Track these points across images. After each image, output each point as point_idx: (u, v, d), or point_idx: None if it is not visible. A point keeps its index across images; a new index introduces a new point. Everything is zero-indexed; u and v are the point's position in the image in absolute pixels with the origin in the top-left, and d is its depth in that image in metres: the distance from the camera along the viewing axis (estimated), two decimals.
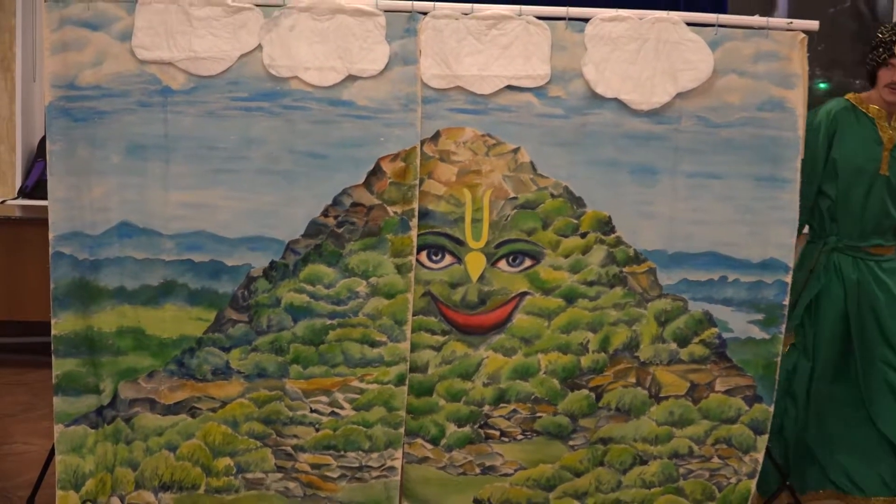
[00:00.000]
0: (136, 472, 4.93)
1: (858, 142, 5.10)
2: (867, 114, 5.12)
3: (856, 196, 5.11)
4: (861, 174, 5.08)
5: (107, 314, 4.87)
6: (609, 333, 4.94)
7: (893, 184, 5.09)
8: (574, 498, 5.00)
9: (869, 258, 5.14)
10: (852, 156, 5.11)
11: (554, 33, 4.84)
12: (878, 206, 5.11)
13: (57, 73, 4.81)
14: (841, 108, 5.19)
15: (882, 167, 5.05)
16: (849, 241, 5.18)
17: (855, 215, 5.14)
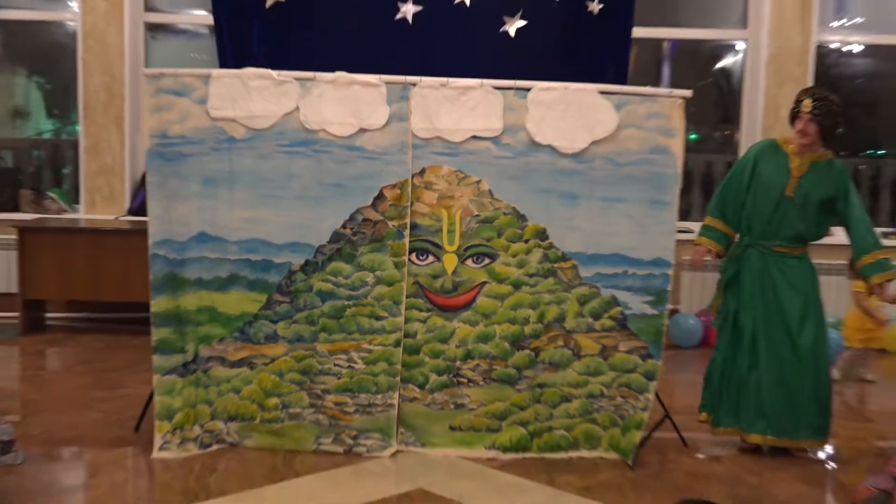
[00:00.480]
0: (211, 408, 5.04)
1: (773, 170, 5.07)
2: (785, 150, 5.10)
3: (767, 209, 5.05)
4: (772, 193, 5.04)
5: (189, 297, 5.01)
6: (544, 310, 5.03)
7: (797, 203, 5.02)
8: (519, 425, 5.04)
9: (773, 254, 5.08)
10: (767, 180, 5.07)
11: (505, 99, 4.95)
12: (783, 218, 5.04)
13: (154, 127, 4.95)
14: (766, 145, 5.20)
15: (788, 190, 5.03)
16: (759, 240, 5.11)
17: (764, 223, 5.08)
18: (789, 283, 5.09)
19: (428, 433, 5.11)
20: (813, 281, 5.15)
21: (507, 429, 5.10)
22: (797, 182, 5.05)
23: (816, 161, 5.08)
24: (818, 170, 5.07)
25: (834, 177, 5.06)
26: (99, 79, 7.91)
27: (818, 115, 4.96)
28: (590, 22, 5.52)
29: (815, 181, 5.05)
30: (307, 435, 5.07)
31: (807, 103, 4.98)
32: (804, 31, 7.81)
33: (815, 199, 5.04)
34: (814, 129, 4.98)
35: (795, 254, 5.12)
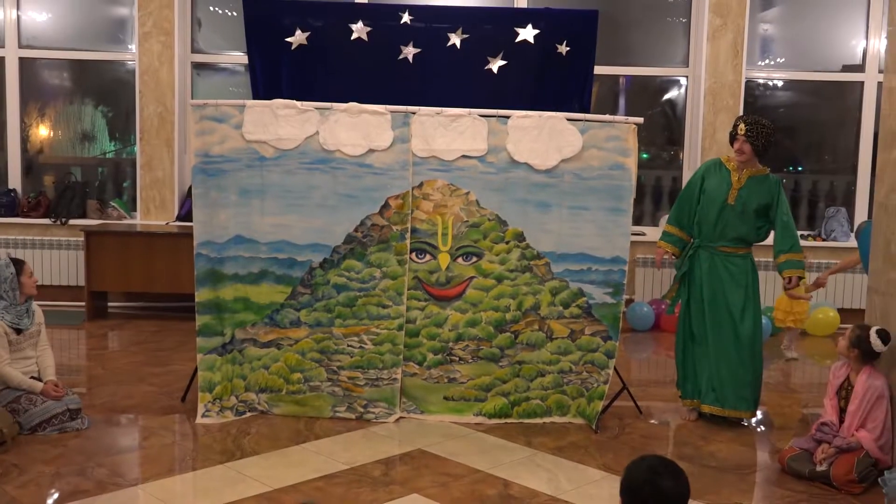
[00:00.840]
0: (245, 382, 5.02)
1: (717, 183, 5.03)
2: (727, 167, 5.06)
3: (712, 216, 5.00)
4: (716, 202, 5.00)
5: (227, 289, 4.98)
6: (522, 300, 5.00)
7: (737, 210, 4.97)
8: (502, 395, 5.02)
9: (719, 254, 5.03)
10: (712, 191, 5.02)
11: (489, 124, 4.93)
12: (726, 223, 4.99)
13: (198, 148, 4.93)
14: (712, 163, 5.15)
15: (729, 199, 4.98)
16: (707, 242, 5.05)
17: (711, 227, 5.02)
18: (732, 279, 5.03)
19: (426, 402, 5.09)
20: (753, 277, 5.09)
21: (491, 399, 5.07)
22: (737, 192, 5.00)
23: (754, 175, 5.05)
24: (755, 182, 5.03)
25: (768, 188, 5.04)
26: (153, 108, 7.92)
27: (751, 136, 4.95)
28: (559, 61, 5.54)
29: (751, 192, 5.01)
30: (325, 404, 5.04)
31: (742, 127, 4.98)
32: (736, 69, 7.82)
33: (752, 207, 5.00)
34: (748, 148, 4.96)
35: (739, 253, 5.06)
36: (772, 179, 5.08)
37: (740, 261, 5.08)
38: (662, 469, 2.40)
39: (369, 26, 5.43)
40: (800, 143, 8.76)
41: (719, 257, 5.06)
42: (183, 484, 4.14)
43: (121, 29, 8.27)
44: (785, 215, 5.04)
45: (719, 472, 4.44)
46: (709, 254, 5.08)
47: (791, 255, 5.02)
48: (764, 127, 4.99)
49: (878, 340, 4.24)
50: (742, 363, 5.03)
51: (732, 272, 5.05)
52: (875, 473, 4.13)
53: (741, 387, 5.05)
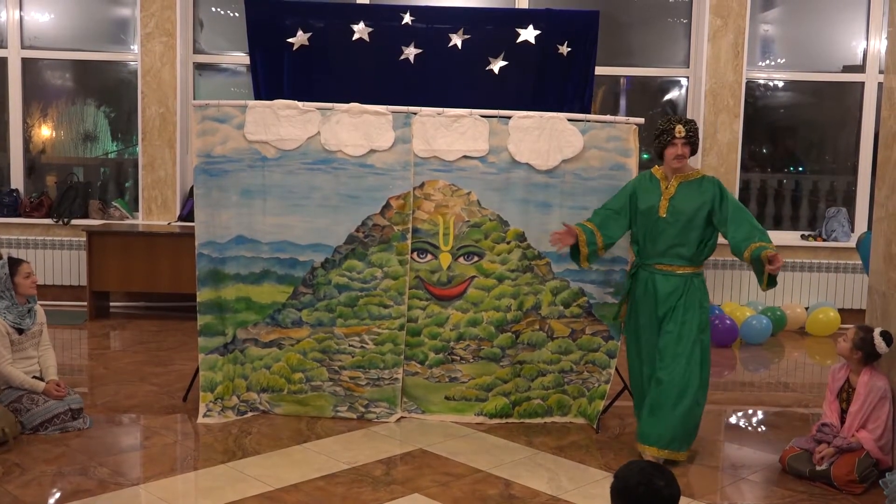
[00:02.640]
0: (247, 381, 5.01)
1: (648, 196, 4.52)
2: (657, 177, 4.56)
3: (646, 231, 4.52)
4: (649, 217, 4.50)
5: (229, 289, 4.97)
6: (523, 300, 4.98)
7: (670, 222, 4.45)
8: (503, 395, 5.00)
9: (657, 272, 4.48)
10: (644, 205, 4.52)
11: (490, 125, 4.92)
12: (659, 238, 4.47)
13: (200, 148, 4.92)
14: (641, 176, 4.67)
15: (661, 211, 4.47)
16: (645, 261, 4.55)
17: (646, 244, 4.54)
18: (666, 301, 4.47)
19: (427, 402, 5.08)
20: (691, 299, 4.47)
21: (492, 398, 5.05)
22: (668, 203, 4.48)
23: (685, 180, 4.52)
24: (687, 188, 4.50)
25: (703, 190, 4.50)
26: (155, 109, 7.92)
27: (691, 137, 4.48)
28: (560, 62, 5.55)
29: (683, 198, 4.47)
30: (326, 404, 5.03)
31: (680, 129, 4.45)
32: (736, 70, 7.81)
33: (687, 216, 4.45)
34: (688, 150, 4.48)
35: (678, 272, 4.48)
36: (707, 180, 4.55)
37: (678, 280, 4.48)
38: (654, 471, 2.47)
39: (370, 27, 5.44)
40: (800, 143, 8.76)
41: (657, 277, 4.51)
42: (184, 483, 4.13)
43: (123, 29, 8.27)
44: (736, 211, 4.48)
45: (720, 472, 4.43)
46: (648, 273, 4.56)
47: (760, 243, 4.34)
48: (695, 124, 4.58)
49: (882, 342, 4.22)
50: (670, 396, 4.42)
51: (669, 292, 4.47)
52: (876, 474, 4.12)
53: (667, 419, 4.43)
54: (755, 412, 5.54)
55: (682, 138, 4.46)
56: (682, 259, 4.49)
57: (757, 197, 8.39)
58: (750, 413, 5.54)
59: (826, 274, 7.89)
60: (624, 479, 2.49)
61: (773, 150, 8.70)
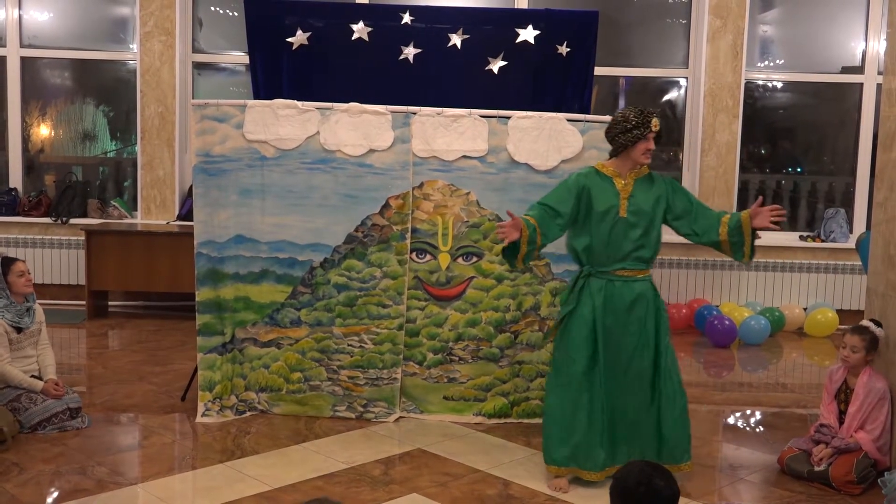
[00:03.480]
0: (245, 381, 5.01)
1: (605, 196, 4.12)
2: (606, 174, 4.16)
3: (604, 234, 4.10)
4: (608, 218, 4.09)
5: (228, 288, 4.96)
6: (522, 300, 4.98)
7: (632, 222, 4.11)
8: (501, 395, 5.00)
9: (616, 279, 4.10)
10: (601, 206, 4.11)
11: (489, 125, 4.92)
12: (620, 240, 4.10)
13: (199, 147, 4.92)
14: (588, 172, 4.20)
15: (621, 211, 4.11)
16: (600, 267, 4.12)
17: (603, 248, 4.11)
18: (630, 310, 4.13)
19: (426, 402, 5.07)
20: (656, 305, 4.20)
21: (491, 398, 5.05)
22: (627, 202, 4.16)
23: (638, 177, 4.21)
24: (642, 184, 4.19)
25: (657, 185, 4.22)
26: (154, 108, 7.92)
27: (660, 135, 4.19)
28: (559, 62, 5.53)
29: (641, 196, 4.16)
30: (325, 403, 5.03)
31: (656, 122, 4.12)
32: (735, 70, 7.82)
33: (647, 214, 4.14)
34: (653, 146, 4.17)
35: (639, 277, 4.17)
36: (656, 176, 4.27)
37: (640, 285, 4.17)
38: (654, 471, 2.47)
39: (370, 26, 5.43)
40: (799, 144, 8.76)
41: (616, 285, 4.13)
42: (183, 483, 4.13)
43: (122, 28, 8.27)
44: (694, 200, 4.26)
45: (718, 473, 4.44)
46: (604, 281, 4.14)
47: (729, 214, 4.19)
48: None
49: (880, 329, 4.31)
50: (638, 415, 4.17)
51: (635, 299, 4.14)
52: (874, 474, 4.13)
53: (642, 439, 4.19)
54: (753, 413, 5.54)
55: (655, 132, 4.14)
56: (643, 262, 4.18)
57: (755, 198, 8.36)
58: (748, 413, 5.54)
59: (824, 275, 7.89)
60: (623, 479, 2.50)
61: (771, 151, 8.70)
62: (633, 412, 4.16)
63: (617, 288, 4.13)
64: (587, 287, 4.15)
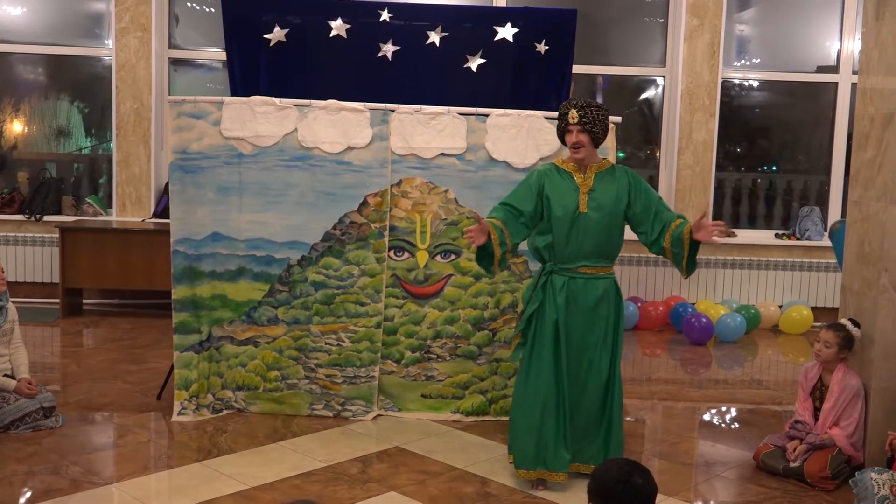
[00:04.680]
0: (222, 379, 4.98)
1: (562, 191, 4.05)
2: (566, 170, 4.10)
3: (564, 230, 4.02)
4: (567, 214, 4.02)
5: (204, 286, 4.93)
6: (500, 297, 4.98)
7: (593, 218, 4.01)
8: (479, 393, 5.01)
9: (579, 276, 4.03)
10: (558, 201, 4.04)
11: (468, 122, 4.92)
12: (582, 237, 4.01)
13: (176, 144, 4.88)
14: (547, 169, 4.16)
15: (581, 207, 4.02)
16: (562, 264, 4.05)
17: (563, 245, 4.04)
18: (593, 308, 4.06)
19: (403, 400, 5.07)
20: (618, 302, 4.14)
21: (469, 396, 5.05)
22: (587, 196, 4.05)
23: (600, 171, 4.12)
24: (603, 178, 4.10)
25: (618, 179, 4.11)
26: (130, 104, 7.86)
27: (587, 124, 4.01)
28: (537, 60, 5.54)
29: (603, 191, 4.07)
30: (302, 402, 5.01)
31: (573, 114, 4.01)
32: (712, 69, 7.86)
33: (609, 209, 4.05)
34: (586, 138, 4.03)
35: (601, 274, 4.08)
36: (619, 169, 4.18)
37: (603, 283, 4.08)
38: (632, 469, 2.47)
39: (348, 24, 5.41)
40: (775, 143, 8.84)
41: (578, 282, 4.05)
42: (158, 482, 4.10)
43: (97, 24, 8.20)
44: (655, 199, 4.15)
45: (694, 469, 4.47)
46: (566, 279, 4.06)
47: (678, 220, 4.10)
48: (598, 109, 4.07)
49: (856, 329, 4.34)
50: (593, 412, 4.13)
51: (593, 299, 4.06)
52: (848, 471, 4.17)
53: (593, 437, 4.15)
54: (729, 409, 5.58)
55: (576, 125, 4.01)
56: (606, 259, 4.11)
57: (732, 196, 8.45)
58: (724, 410, 5.58)
59: (799, 272, 7.97)
60: (602, 477, 2.49)
61: (747, 150, 8.77)
62: (587, 413, 4.12)
63: (580, 285, 4.06)
64: (550, 284, 4.09)
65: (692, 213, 7.87)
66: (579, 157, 4.08)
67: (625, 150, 8.41)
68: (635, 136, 8.57)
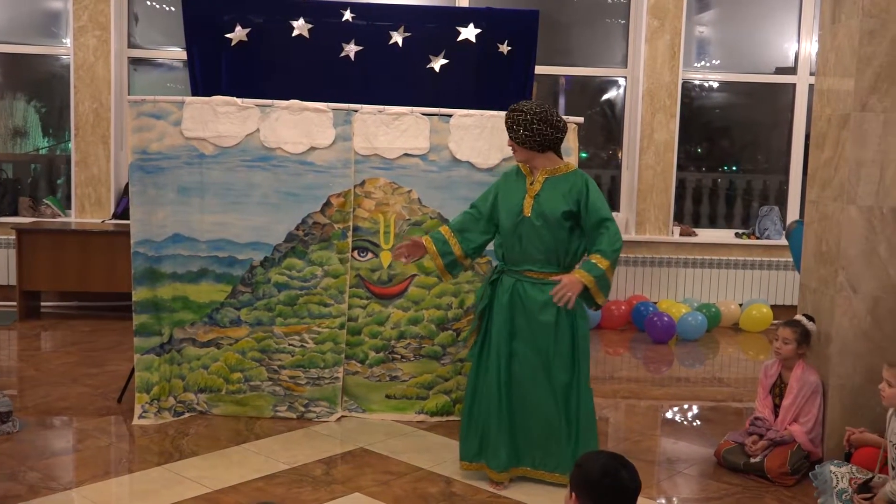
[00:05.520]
0: (184, 382, 4.94)
1: (512, 193, 4.05)
2: (523, 172, 4.08)
3: (510, 232, 4.02)
4: (512, 215, 4.01)
5: (165, 288, 4.88)
6: (464, 298, 4.98)
7: (535, 223, 3.95)
8: (444, 393, 5.01)
9: (525, 280, 3.99)
10: (506, 203, 4.05)
11: (431, 123, 4.91)
12: (526, 240, 3.98)
13: (136, 145, 4.82)
14: (509, 170, 4.19)
15: (525, 210, 3.98)
16: (510, 266, 4.06)
17: (510, 247, 4.04)
18: (538, 313, 3.98)
19: (368, 401, 5.06)
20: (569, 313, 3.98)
21: (433, 396, 5.05)
22: (532, 201, 3.99)
23: (552, 175, 4.02)
24: (554, 184, 4.00)
25: (569, 188, 3.97)
26: (88, 104, 7.75)
27: (510, 129, 3.98)
28: (501, 61, 5.57)
29: (549, 196, 3.97)
30: (266, 404, 4.99)
31: (505, 115, 4.01)
32: (673, 70, 7.94)
33: (555, 215, 3.95)
34: (513, 143, 4.01)
35: (550, 280, 3.94)
36: (576, 176, 4.02)
37: (551, 289, 3.90)
38: (618, 463, 2.45)
39: (310, 23, 5.40)
40: (735, 143, 8.94)
41: (524, 284, 4.01)
42: (119, 487, 4.06)
43: (55, 22, 8.07)
44: (596, 214, 3.94)
45: (656, 467, 4.51)
46: (513, 280, 4.04)
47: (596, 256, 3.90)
48: (520, 112, 3.93)
49: (811, 324, 4.42)
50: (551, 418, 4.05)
51: (539, 303, 3.97)
52: (807, 466, 4.23)
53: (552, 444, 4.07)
54: (691, 407, 5.64)
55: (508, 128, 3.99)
56: (552, 265, 4.01)
57: (692, 195, 8.55)
58: (686, 408, 5.63)
59: (759, 271, 8.07)
60: (588, 470, 2.45)
61: (708, 150, 8.87)
62: (542, 419, 4.03)
63: (526, 289, 4.01)
64: (500, 283, 4.10)
65: (654, 212, 7.97)
66: (518, 161, 4.10)
67: (587, 150, 8.46)
68: (597, 137, 8.63)
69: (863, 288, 4.33)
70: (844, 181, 4.34)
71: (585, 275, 3.88)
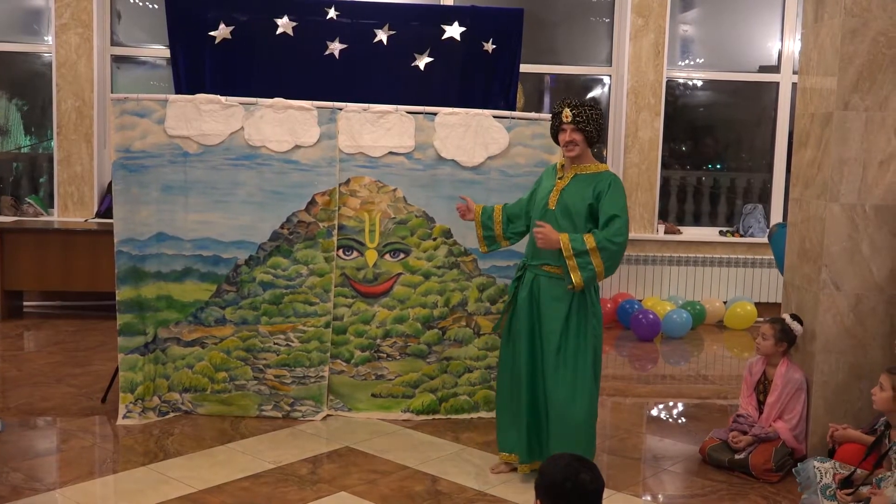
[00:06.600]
0: (168, 381, 4.92)
1: (545, 187, 4.13)
2: (558, 167, 4.15)
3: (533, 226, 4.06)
4: (539, 208, 4.09)
5: (149, 287, 4.86)
6: (450, 296, 4.99)
7: (558, 216, 4.00)
8: (430, 392, 5.01)
9: (542, 273, 4.03)
10: (538, 196, 4.16)
11: (416, 121, 4.92)
12: None
13: (119, 143, 4.80)
14: (549, 167, 4.29)
15: (550, 203, 4.03)
16: (531, 261, 4.10)
17: (532, 240, 4.06)
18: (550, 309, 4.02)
19: (353, 400, 5.05)
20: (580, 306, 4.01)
21: (419, 395, 5.05)
22: (559, 194, 4.04)
23: (582, 172, 4.05)
24: (581, 181, 4.03)
25: (595, 186, 3.99)
26: (71, 102, 7.70)
27: (580, 122, 3.98)
28: (485, 59, 5.55)
29: (574, 191, 4.01)
30: (251, 403, 4.98)
31: (567, 113, 4.00)
32: (657, 69, 7.97)
33: (576, 210, 3.99)
34: (580, 137, 4.00)
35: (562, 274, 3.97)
36: (604, 176, 4.03)
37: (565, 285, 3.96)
38: (579, 465, 2.48)
39: (295, 21, 5.37)
40: (719, 141, 8.99)
41: (543, 279, 4.06)
42: (104, 487, 4.04)
43: (36, 20, 8.02)
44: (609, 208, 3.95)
45: (642, 464, 4.52)
46: (533, 275, 4.10)
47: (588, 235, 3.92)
48: (591, 108, 4.02)
49: (797, 324, 4.43)
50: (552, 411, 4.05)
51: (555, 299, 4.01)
52: (791, 462, 4.26)
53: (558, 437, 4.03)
54: (676, 404, 5.68)
55: (569, 123, 4.00)
56: None
57: (677, 194, 8.58)
58: (671, 405, 5.67)
59: (743, 269, 8.11)
60: (550, 474, 2.49)
61: (692, 148, 8.91)
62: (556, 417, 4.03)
63: (542, 283, 4.07)
64: (523, 278, 4.18)
65: (639, 210, 7.99)
66: (572, 156, 4.05)
67: None
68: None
69: (846, 285, 4.36)
70: (827, 179, 4.37)
71: (566, 237, 3.92)
